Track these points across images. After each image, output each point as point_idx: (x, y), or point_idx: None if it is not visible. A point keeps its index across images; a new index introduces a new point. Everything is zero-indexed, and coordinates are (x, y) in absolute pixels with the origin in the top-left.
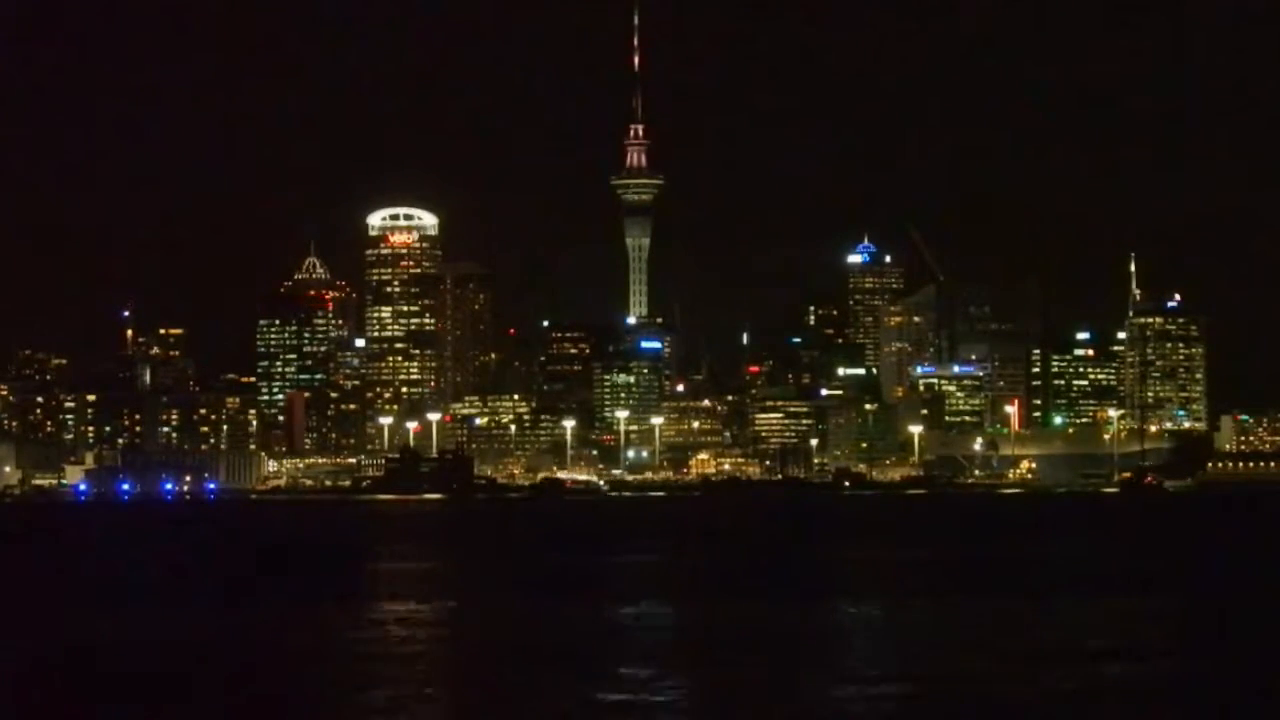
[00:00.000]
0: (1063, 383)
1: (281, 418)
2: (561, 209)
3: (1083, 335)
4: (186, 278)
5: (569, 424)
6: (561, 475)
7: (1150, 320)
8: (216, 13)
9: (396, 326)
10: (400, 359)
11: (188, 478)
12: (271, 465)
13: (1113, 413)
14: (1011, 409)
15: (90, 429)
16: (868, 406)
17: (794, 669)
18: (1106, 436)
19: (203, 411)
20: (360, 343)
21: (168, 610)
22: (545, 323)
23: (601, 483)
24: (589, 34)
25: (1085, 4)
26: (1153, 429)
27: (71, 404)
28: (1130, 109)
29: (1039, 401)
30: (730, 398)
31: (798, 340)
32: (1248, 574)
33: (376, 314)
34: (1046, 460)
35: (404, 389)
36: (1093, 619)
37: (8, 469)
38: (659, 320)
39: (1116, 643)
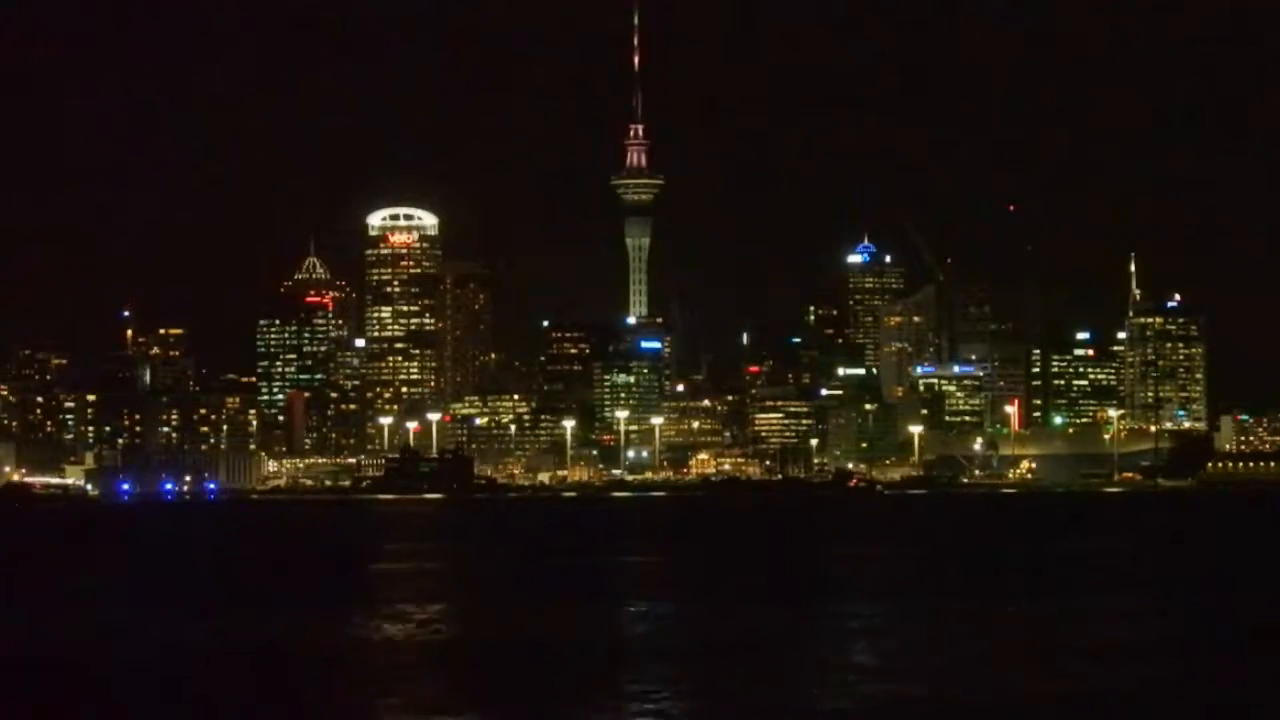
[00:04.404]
0: (1063, 383)
1: (281, 418)
2: (561, 209)
3: (1083, 335)
4: (186, 278)
5: (569, 424)
6: (29, 479)
7: (1150, 320)
8: (217, 13)
9: (396, 326)
10: (400, 359)
11: (188, 478)
12: (271, 465)
13: (1113, 413)
14: (1011, 409)
15: (90, 429)
16: (868, 406)
17: (794, 672)
18: (1106, 436)
19: (203, 411)
20: (360, 343)
21: (170, 611)
22: (545, 323)
23: (88, 485)
24: (589, 34)
25: (1084, 3)
26: (1153, 429)
27: (71, 404)
28: (1131, 109)
29: (1039, 401)
30: (730, 398)
31: (798, 340)
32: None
33: (376, 314)
34: (1046, 460)
35: (404, 389)
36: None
37: (8, 469)
38: (659, 320)
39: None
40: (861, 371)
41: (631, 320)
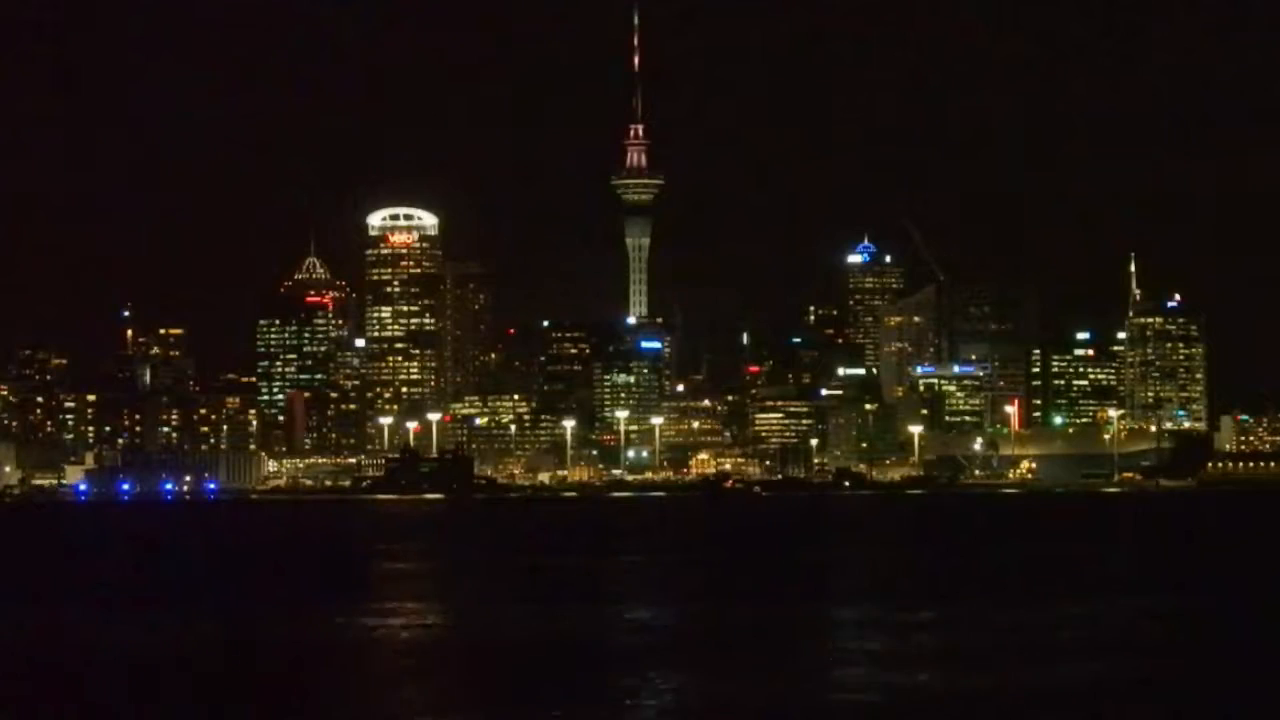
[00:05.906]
0: (1063, 383)
1: (281, 418)
2: (561, 209)
3: (1083, 335)
4: (186, 278)
5: (569, 424)
6: None
7: (1150, 320)
8: (217, 12)
9: (396, 326)
10: (400, 359)
11: (188, 478)
12: (271, 465)
13: (1113, 413)
14: (1011, 409)
15: (90, 429)
16: (868, 406)
17: (793, 671)
18: (1106, 436)
19: (203, 411)
20: (360, 343)
21: (171, 611)
22: (545, 323)
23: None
24: (589, 34)
25: (1081, 4)
26: (1153, 429)
27: (71, 404)
28: (1130, 108)
29: (1039, 401)
30: (730, 398)
31: (798, 340)
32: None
33: (376, 314)
34: (1046, 460)
35: (404, 389)
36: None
37: (8, 469)
38: (659, 320)
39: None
40: (861, 371)
41: (631, 320)
